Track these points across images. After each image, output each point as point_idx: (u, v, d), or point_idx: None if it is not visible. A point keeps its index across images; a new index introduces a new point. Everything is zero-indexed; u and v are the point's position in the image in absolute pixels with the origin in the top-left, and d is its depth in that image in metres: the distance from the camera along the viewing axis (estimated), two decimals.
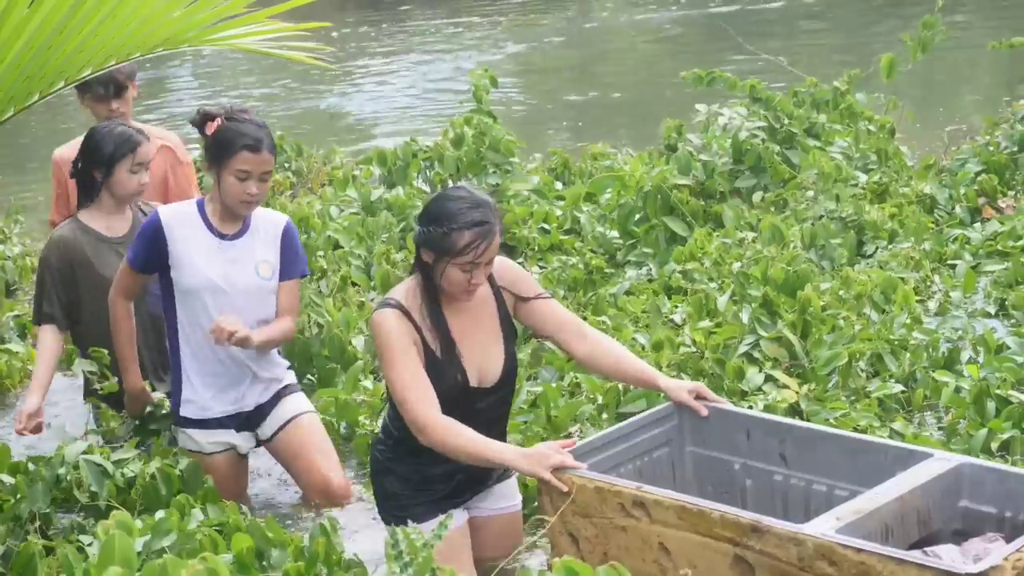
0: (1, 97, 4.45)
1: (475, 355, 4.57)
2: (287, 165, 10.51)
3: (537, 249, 8.24)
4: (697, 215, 8.16)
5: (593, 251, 8.13)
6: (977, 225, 7.93)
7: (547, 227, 8.44)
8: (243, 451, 5.52)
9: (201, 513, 4.30)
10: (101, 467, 4.73)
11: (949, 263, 7.42)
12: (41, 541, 4.35)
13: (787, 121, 8.78)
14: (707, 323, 6.19)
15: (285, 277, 5.44)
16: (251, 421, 5.50)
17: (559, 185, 9.46)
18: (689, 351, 5.97)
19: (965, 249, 7.53)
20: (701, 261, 7.33)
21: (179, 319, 5.36)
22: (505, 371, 4.65)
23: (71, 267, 5.85)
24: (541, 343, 6.39)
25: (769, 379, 5.77)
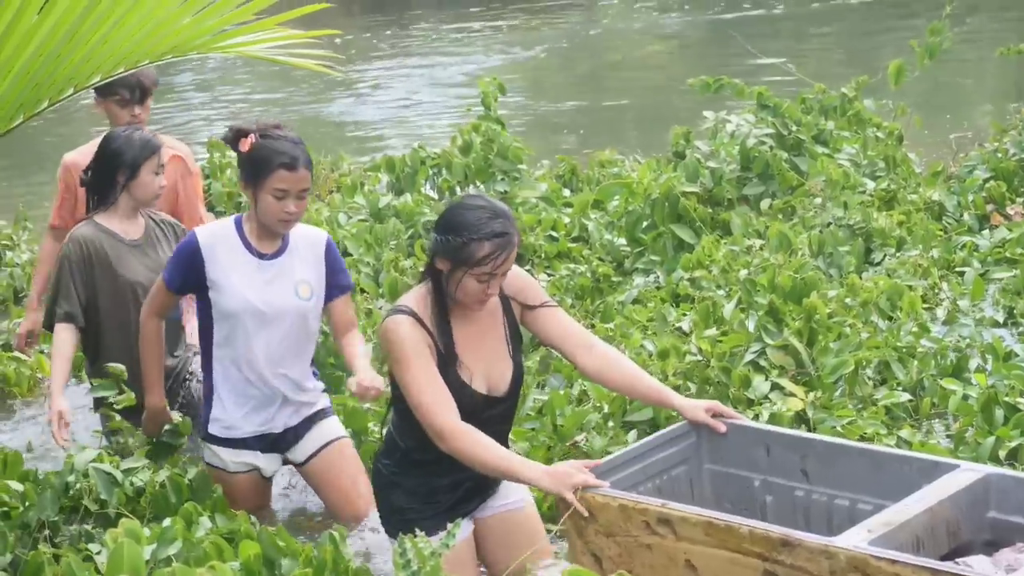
0: (11, 104, 4.44)
1: (484, 365, 4.56)
2: None
3: (545, 256, 8.24)
4: (705, 222, 8.16)
5: (601, 259, 8.13)
6: (985, 232, 7.93)
7: (555, 234, 8.45)
8: (267, 474, 5.45)
9: (209, 521, 4.30)
10: (110, 475, 4.73)
11: (957, 270, 7.42)
12: (50, 549, 4.35)
13: (795, 128, 8.78)
14: (713, 331, 6.18)
15: (336, 294, 5.38)
16: (280, 443, 5.43)
17: (567, 192, 9.46)
18: (695, 359, 5.96)
19: (973, 256, 7.53)
20: (709, 268, 7.32)
21: (215, 339, 5.29)
22: (513, 380, 4.64)
23: (91, 266, 5.83)
24: (550, 350, 6.39)
25: (775, 387, 5.76)
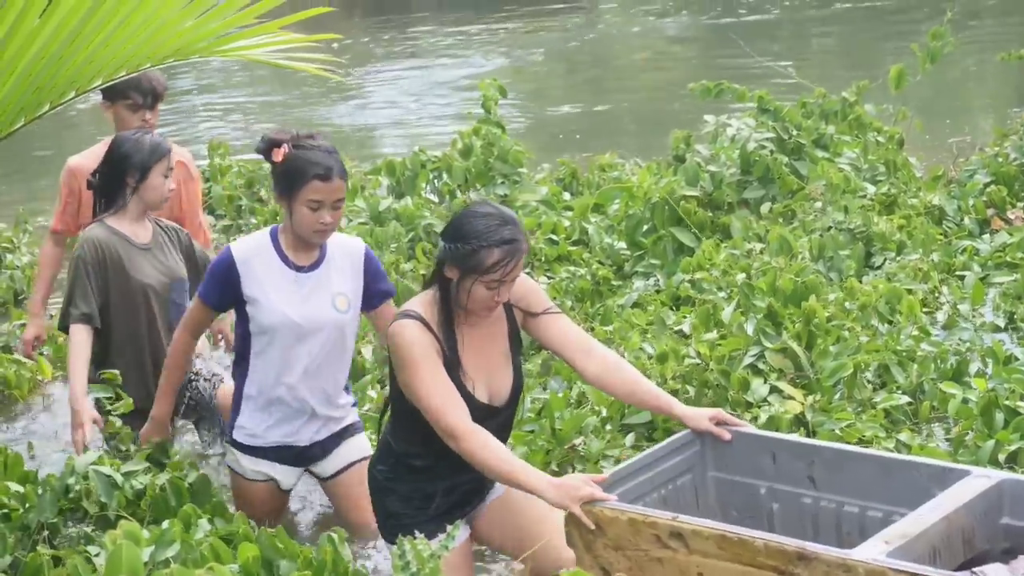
0: (12, 107, 4.45)
1: (486, 374, 4.56)
2: None
3: (545, 260, 8.24)
4: (705, 226, 8.16)
5: (601, 262, 8.14)
6: (986, 236, 7.92)
7: (555, 238, 8.45)
8: (284, 486, 5.41)
9: (208, 523, 4.31)
10: (111, 478, 4.73)
11: (958, 275, 7.41)
12: (49, 551, 4.35)
13: (796, 132, 8.78)
14: (713, 335, 6.19)
15: (378, 302, 5.35)
16: (304, 456, 5.38)
17: (567, 196, 9.47)
18: (694, 363, 5.96)
19: (974, 261, 7.52)
20: (709, 271, 7.33)
21: (253, 349, 5.25)
22: (513, 389, 4.65)
23: (105, 267, 5.81)
24: (552, 354, 6.39)
25: (774, 390, 5.76)
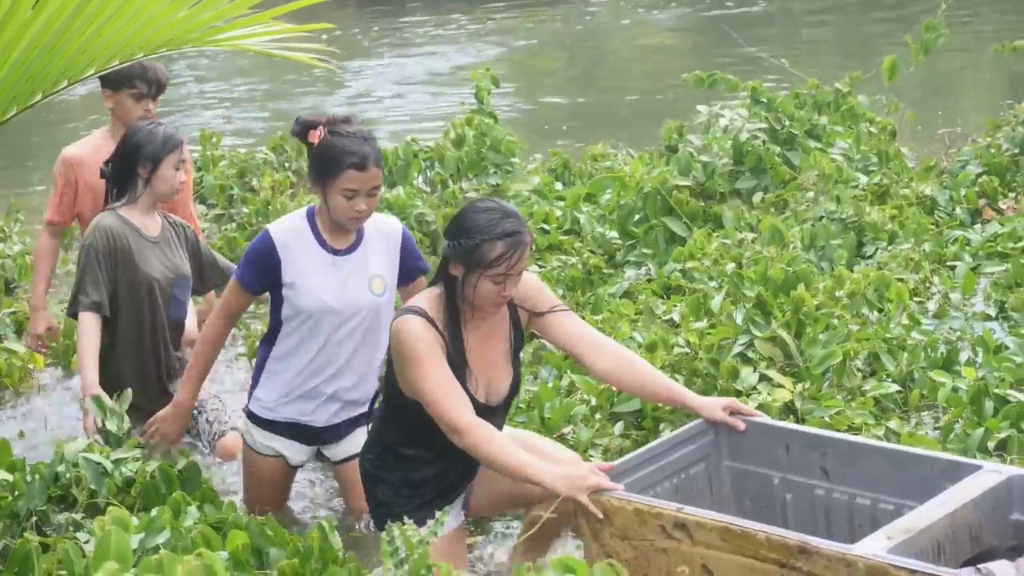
0: (5, 96, 4.45)
1: (486, 373, 4.57)
2: (287, 165, 10.53)
3: (536, 249, 8.25)
4: (697, 216, 8.17)
5: (592, 251, 8.15)
6: (977, 227, 7.93)
7: (547, 227, 8.45)
8: (292, 462, 5.40)
9: (197, 511, 4.31)
10: (100, 466, 4.73)
11: (949, 264, 7.42)
12: (38, 538, 4.35)
13: (788, 123, 8.78)
14: (702, 324, 6.19)
15: (414, 276, 5.33)
16: (318, 437, 5.35)
17: (559, 185, 9.47)
18: (683, 352, 5.97)
19: (965, 250, 7.53)
20: (701, 261, 7.33)
21: (284, 329, 5.23)
22: (510, 389, 4.66)
23: (115, 256, 5.80)
24: (543, 342, 6.39)
25: (763, 379, 5.77)
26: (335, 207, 5.08)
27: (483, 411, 4.53)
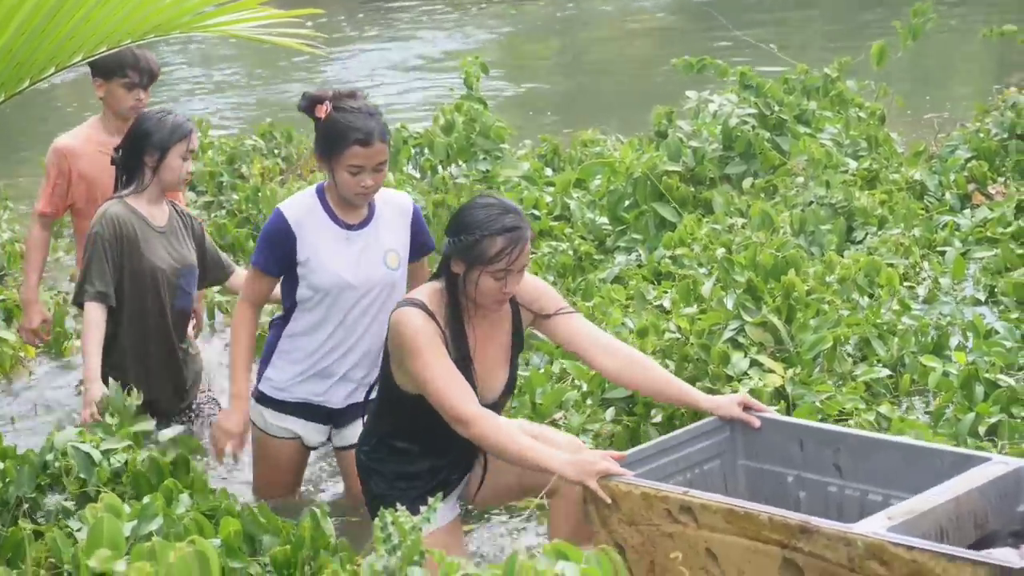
0: None
1: (484, 370, 4.57)
2: (276, 151, 10.51)
3: None
4: (687, 201, 8.17)
5: (583, 237, 8.14)
6: (967, 211, 7.93)
7: (537, 213, 8.44)
8: (309, 443, 5.34)
9: (189, 498, 4.31)
10: (90, 455, 4.72)
11: (939, 249, 7.43)
12: (30, 525, 4.34)
13: (777, 108, 8.78)
14: (693, 309, 6.20)
15: (419, 255, 5.29)
16: (331, 417, 5.29)
17: (549, 171, 9.46)
18: (674, 337, 5.98)
19: (955, 236, 7.53)
20: (691, 247, 7.34)
21: (297, 311, 5.19)
22: (505, 388, 4.65)
23: (121, 245, 5.77)
24: (533, 330, 6.39)
25: (754, 364, 5.77)
26: (341, 183, 5.05)
27: None
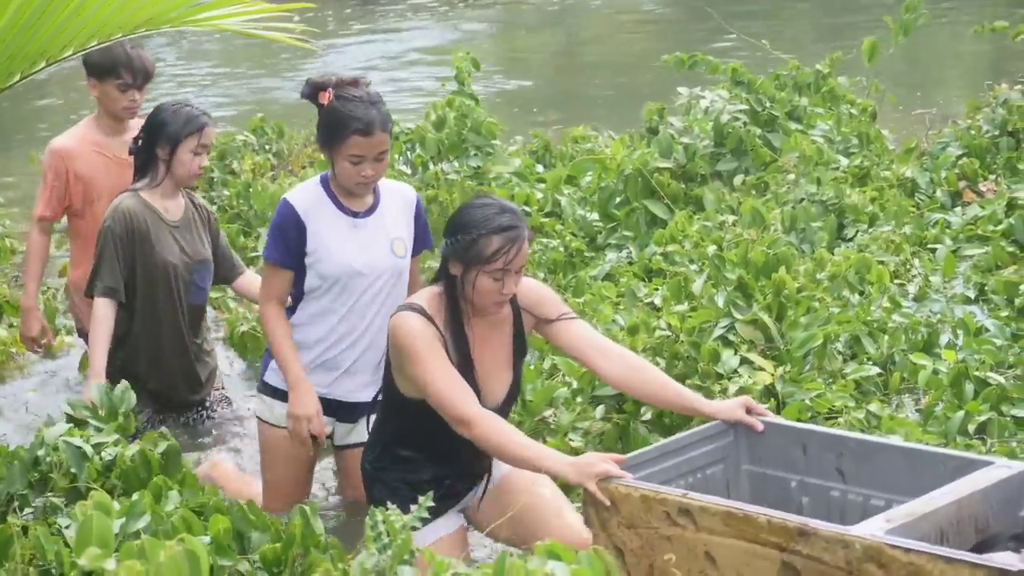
0: None
1: (485, 374, 4.55)
2: (268, 147, 10.49)
3: None
4: (678, 198, 8.17)
5: (574, 234, 8.14)
6: (958, 209, 7.93)
7: (528, 209, 8.44)
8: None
9: (178, 495, 4.30)
10: (81, 450, 4.71)
11: (929, 247, 7.43)
12: (19, 522, 4.34)
13: (769, 104, 8.77)
14: (683, 307, 6.20)
15: (415, 252, 5.29)
16: (335, 411, 5.25)
17: (540, 168, 9.45)
18: (664, 335, 5.98)
19: (945, 233, 7.53)
20: (682, 244, 7.34)
21: (304, 301, 5.16)
22: (508, 394, 4.64)
23: (132, 240, 5.76)
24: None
25: (744, 362, 5.78)
26: (342, 172, 5.05)
27: None
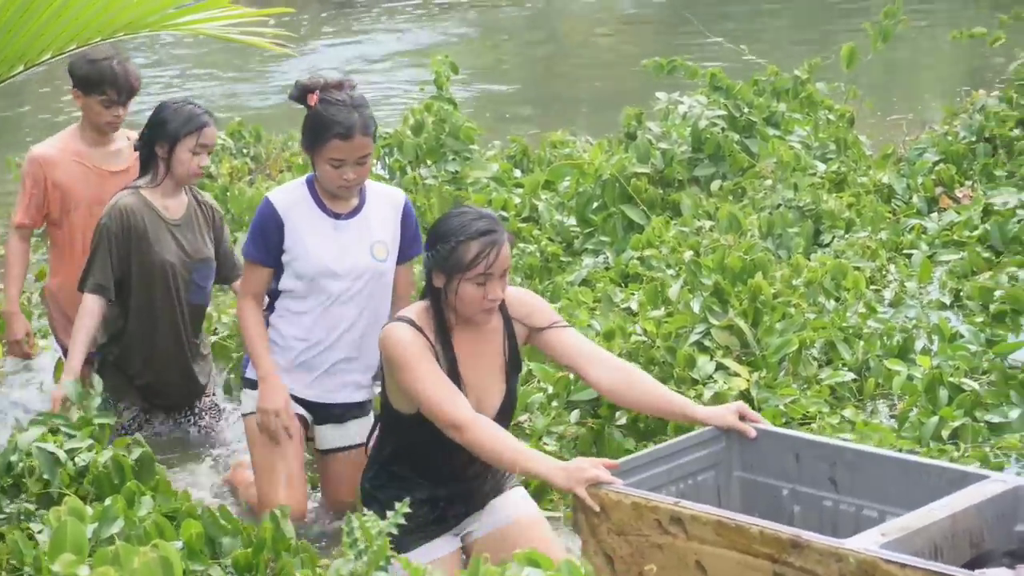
0: None
1: (475, 387, 4.53)
2: (245, 151, 10.48)
3: None
4: (655, 203, 8.17)
5: (551, 239, 8.14)
6: (934, 215, 7.96)
7: (505, 214, 8.44)
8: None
9: (151, 500, 4.29)
10: (54, 455, 4.70)
11: (905, 253, 7.46)
12: None
13: (747, 110, 8.79)
14: (659, 312, 6.20)
15: (404, 258, 5.28)
16: (317, 413, 5.25)
17: (518, 173, 9.44)
18: (640, 340, 5.98)
19: (922, 239, 7.57)
20: (658, 249, 7.34)
21: (280, 300, 5.16)
22: (502, 407, 4.62)
23: (128, 238, 5.74)
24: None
25: (720, 367, 5.78)
26: (323, 175, 5.06)
27: None
